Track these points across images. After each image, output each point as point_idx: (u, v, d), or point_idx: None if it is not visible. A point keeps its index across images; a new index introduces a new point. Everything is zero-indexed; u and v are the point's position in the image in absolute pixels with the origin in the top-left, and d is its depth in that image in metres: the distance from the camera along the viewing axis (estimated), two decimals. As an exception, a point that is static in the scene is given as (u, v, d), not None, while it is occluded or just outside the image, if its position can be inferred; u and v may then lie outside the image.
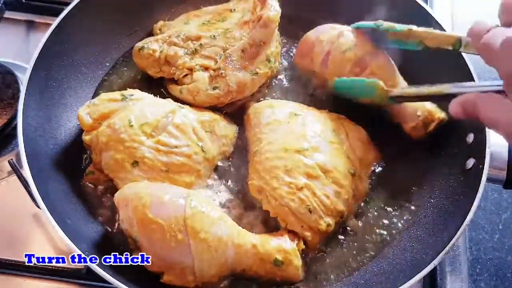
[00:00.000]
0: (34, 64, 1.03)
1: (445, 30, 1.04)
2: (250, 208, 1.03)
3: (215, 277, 0.91)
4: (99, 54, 1.20)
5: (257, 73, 1.12)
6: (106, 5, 1.19)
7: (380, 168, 1.09)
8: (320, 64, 1.12)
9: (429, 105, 1.06)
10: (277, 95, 1.19)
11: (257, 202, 1.00)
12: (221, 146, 1.07)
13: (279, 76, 1.22)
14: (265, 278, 0.93)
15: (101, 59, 1.21)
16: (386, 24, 1.04)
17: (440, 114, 1.06)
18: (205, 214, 0.90)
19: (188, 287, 0.90)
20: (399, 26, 1.02)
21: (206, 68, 1.11)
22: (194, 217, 0.88)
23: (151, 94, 1.09)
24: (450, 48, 0.96)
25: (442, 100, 0.93)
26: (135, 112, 1.00)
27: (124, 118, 0.99)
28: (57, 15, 1.10)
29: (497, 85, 0.72)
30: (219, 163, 1.08)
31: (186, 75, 1.12)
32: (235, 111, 1.16)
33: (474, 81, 1.02)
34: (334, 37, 1.10)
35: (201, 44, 1.13)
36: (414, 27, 1.00)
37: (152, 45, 1.14)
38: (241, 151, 1.11)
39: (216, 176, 1.07)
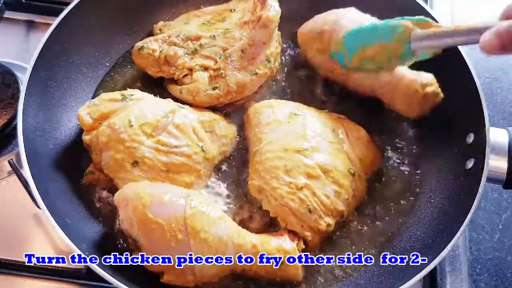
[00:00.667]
0: (34, 64, 1.02)
1: None
2: (250, 208, 1.03)
3: (215, 277, 0.91)
4: (99, 54, 1.20)
5: (256, 73, 1.12)
6: (106, 5, 1.19)
7: (379, 168, 1.09)
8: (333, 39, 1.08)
9: (426, 74, 1.05)
10: (277, 95, 1.19)
11: (257, 202, 1.00)
12: (221, 146, 1.07)
13: (279, 76, 1.22)
14: (265, 278, 0.94)
15: (101, 59, 1.21)
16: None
17: (437, 88, 1.05)
18: (205, 214, 0.90)
19: (188, 287, 0.90)
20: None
21: (206, 68, 1.11)
22: (194, 217, 0.88)
23: (151, 94, 1.09)
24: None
25: (470, 39, 0.81)
26: (135, 112, 1.00)
27: (124, 118, 0.99)
28: (57, 15, 1.10)
29: None
30: (219, 163, 1.08)
31: (186, 75, 1.12)
32: (235, 111, 1.16)
33: (474, 80, 1.02)
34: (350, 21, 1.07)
35: (201, 44, 1.13)
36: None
37: (152, 45, 1.14)
38: (241, 151, 1.11)
39: (216, 176, 1.07)
